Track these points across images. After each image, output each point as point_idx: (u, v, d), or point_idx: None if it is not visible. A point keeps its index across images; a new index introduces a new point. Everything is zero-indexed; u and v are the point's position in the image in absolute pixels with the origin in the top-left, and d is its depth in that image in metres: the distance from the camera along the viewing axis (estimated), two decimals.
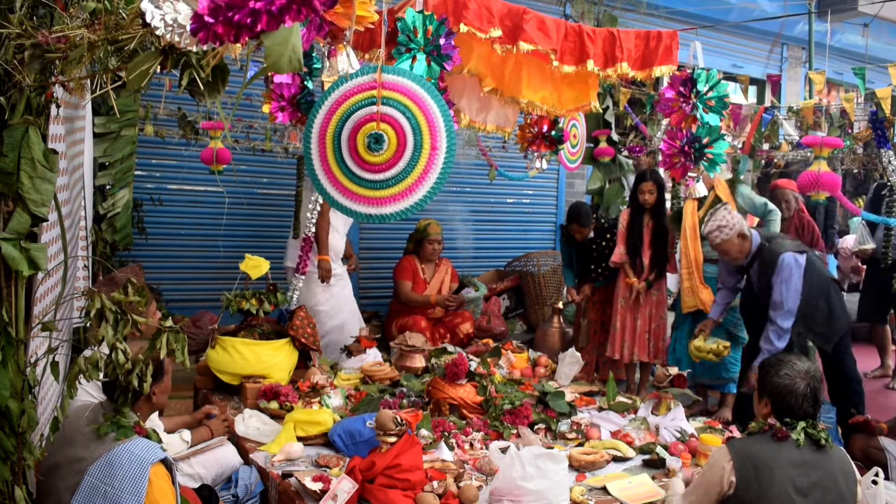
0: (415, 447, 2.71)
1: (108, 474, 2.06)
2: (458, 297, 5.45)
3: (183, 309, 5.35)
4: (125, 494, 2.03)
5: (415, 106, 2.58)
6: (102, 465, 2.08)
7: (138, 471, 2.07)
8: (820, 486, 2.22)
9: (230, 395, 3.84)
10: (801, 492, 2.20)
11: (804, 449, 2.25)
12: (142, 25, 1.49)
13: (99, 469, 2.07)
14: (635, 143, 5.90)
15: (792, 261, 3.84)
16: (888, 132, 4.53)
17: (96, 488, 2.05)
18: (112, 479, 2.05)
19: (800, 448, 2.25)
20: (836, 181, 3.93)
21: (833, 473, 2.26)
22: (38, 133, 1.80)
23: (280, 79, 3.36)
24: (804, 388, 2.31)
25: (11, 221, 1.79)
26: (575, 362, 4.23)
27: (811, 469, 2.24)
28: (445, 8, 3.07)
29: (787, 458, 2.24)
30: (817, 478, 2.23)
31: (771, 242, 3.96)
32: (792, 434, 2.27)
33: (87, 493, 2.05)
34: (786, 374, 2.34)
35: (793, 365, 2.36)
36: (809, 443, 2.27)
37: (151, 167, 5.47)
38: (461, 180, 6.76)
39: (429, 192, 2.56)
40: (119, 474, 2.05)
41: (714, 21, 7.51)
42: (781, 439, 2.27)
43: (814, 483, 2.22)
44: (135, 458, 2.09)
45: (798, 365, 2.37)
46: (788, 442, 2.26)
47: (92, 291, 1.90)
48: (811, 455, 2.26)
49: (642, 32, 3.68)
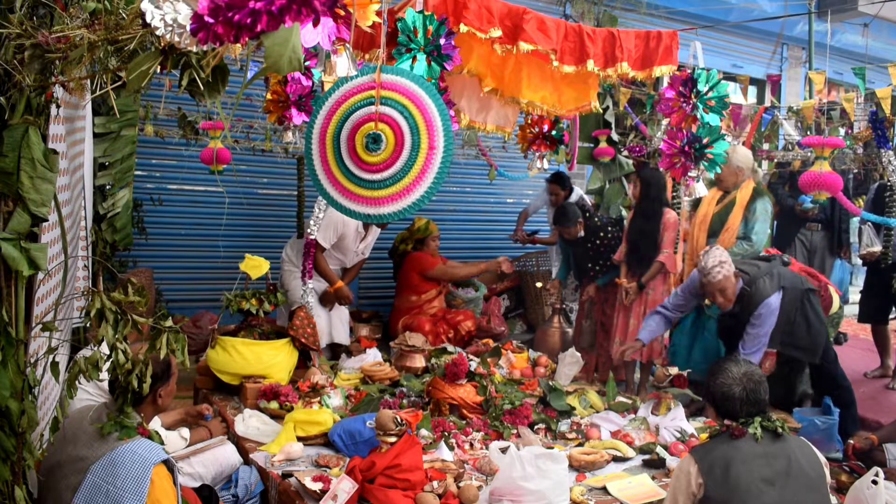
0: (415, 447, 2.71)
1: (110, 473, 2.07)
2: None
3: (183, 309, 5.35)
4: (127, 494, 2.04)
5: (413, 105, 2.57)
6: (105, 465, 2.08)
7: (140, 471, 2.08)
8: (786, 474, 2.26)
9: (230, 395, 3.84)
10: (768, 482, 2.24)
11: (763, 441, 2.30)
12: (142, 25, 1.49)
13: (102, 468, 2.08)
14: (635, 143, 5.90)
15: (774, 303, 3.75)
16: (888, 132, 4.53)
17: (98, 487, 2.06)
18: (115, 478, 2.06)
19: (759, 441, 2.30)
20: (838, 181, 3.92)
21: (796, 459, 2.30)
22: (38, 133, 1.80)
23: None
24: (740, 392, 2.36)
25: (11, 221, 1.79)
26: (575, 362, 4.23)
27: (773, 459, 2.28)
28: (445, 8, 3.07)
29: (749, 452, 2.29)
30: (781, 466, 2.27)
31: (753, 286, 3.77)
32: (749, 429, 2.33)
33: (89, 491, 2.06)
34: (721, 381, 2.41)
35: (728, 371, 2.42)
36: (767, 434, 2.32)
37: (151, 167, 5.47)
38: (461, 180, 6.76)
39: (426, 191, 2.55)
40: (121, 474, 2.06)
41: (714, 21, 7.51)
42: (739, 436, 2.32)
43: (779, 472, 2.26)
44: (137, 457, 2.10)
45: (734, 370, 2.41)
46: (746, 437, 2.31)
47: (92, 291, 1.91)
48: (771, 446, 2.31)
49: (642, 32, 3.67)
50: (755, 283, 3.78)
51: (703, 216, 4.52)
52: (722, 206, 4.52)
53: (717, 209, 4.53)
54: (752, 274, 3.81)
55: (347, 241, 4.79)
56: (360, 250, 4.98)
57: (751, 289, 3.77)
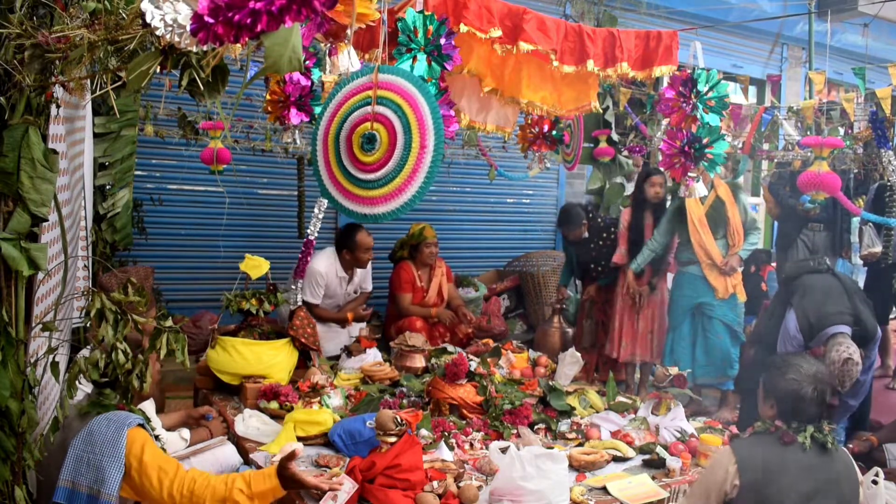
0: (415, 447, 2.71)
1: (88, 442, 2.10)
2: (454, 315, 5.34)
3: (183, 309, 5.35)
4: (105, 458, 2.07)
5: (406, 104, 2.57)
6: (83, 436, 2.12)
7: (115, 434, 2.11)
8: (823, 491, 2.18)
9: (230, 395, 3.84)
10: (805, 497, 2.16)
11: (810, 452, 2.20)
12: (142, 25, 1.49)
13: (80, 440, 2.11)
14: (635, 143, 5.90)
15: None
16: (888, 132, 4.53)
17: (80, 458, 2.09)
18: (92, 445, 2.10)
19: (805, 452, 2.19)
20: (836, 181, 3.92)
21: (837, 477, 2.22)
22: (38, 133, 1.80)
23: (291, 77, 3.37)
24: (811, 392, 2.24)
25: (11, 221, 1.79)
26: (575, 362, 4.23)
27: (816, 473, 2.19)
28: (445, 8, 3.08)
29: (793, 461, 2.19)
30: (821, 483, 2.18)
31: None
32: (798, 437, 2.22)
33: (73, 464, 2.09)
34: (793, 378, 2.27)
35: (799, 368, 2.29)
36: (815, 446, 2.22)
37: (151, 167, 5.47)
38: (461, 180, 6.76)
39: (417, 191, 2.54)
40: (98, 440, 2.09)
41: (714, 21, 7.50)
42: (788, 443, 2.22)
43: (817, 488, 2.17)
44: (111, 423, 2.14)
45: (805, 367, 2.29)
46: (794, 445, 2.21)
47: (92, 291, 1.91)
48: (817, 459, 2.20)
49: (642, 32, 3.67)
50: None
51: (699, 218, 4.56)
52: (707, 207, 4.57)
53: (705, 211, 4.58)
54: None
55: (334, 288, 4.81)
56: (350, 291, 4.95)
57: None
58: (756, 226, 4.60)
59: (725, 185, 4.58)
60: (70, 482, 2.07)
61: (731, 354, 4.50)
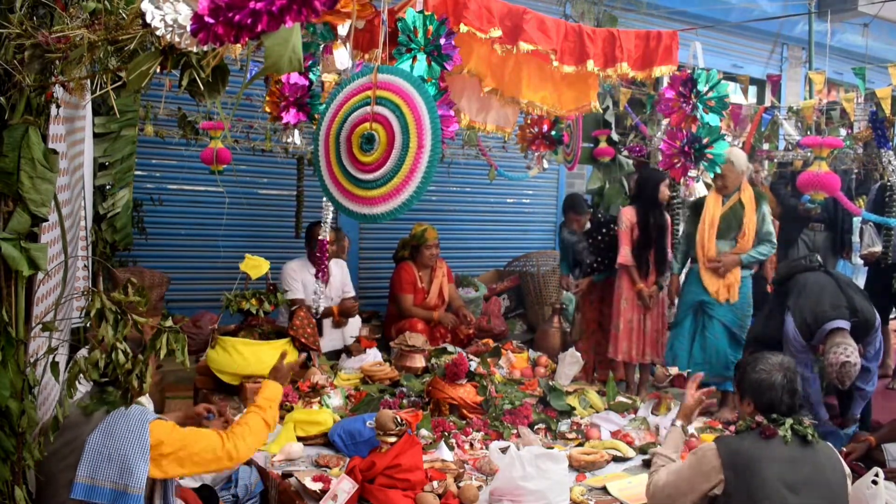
0: (415, 447, 2.71)
1: (108, 436, 2.12)
2: (456, 318, 5.33)
3: (183, 309, 5.34)
4: (130, 447, 2.10)
5: (405, 105, 2.57)
6: (101, 431, 2.13)
7: (138, 426, 2.14)
8: (810, 482, 2.23)
9: (230, 395, 3.83)
10: (791, 489, 2.20)
11: (791, 445, 2.26)
12: (142, 26, 1.49)
13: (99, 434, 2.12)
14: (635, 143, 5.90)
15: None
16: (888, 132, 4.53)
17: (100, 453, 2.10)
18: (113, 439, 2.11)
19: (787, 444, 2.26)
20: (835, 181, 3.92)
21: (822, 468, 2.27)
22: (38, 133, 1.80)
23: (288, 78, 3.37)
24: (781, 379, 2.34)
25: (11, 221, 1.79)
26: (575, 362, 4.23)
27: (800, 465, 2.24)
28: (445, 8, 3.07)
29: (776, 455, 2.25)
30: (806, 474, 2.23)
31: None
32: (779, 431, 2.28)
33: (91, 459, 2.10)
34: (761, 368, 2.38)
35: (767, 359, 2.40)
36: (796, 439, 2.28)
37: (151, 167, 5.47)
38: (461, 180, 6.76)
39: (415, 191, 2.54)
40: (119, 433, 2.12)
41: (714, 21, 7.50)
42: (769, 437, 2.28)
43: (803, 479, 2.22)
44: (132, 417, 2.16)
45: (772, 358, 2.40)
46: (776, 439, 2.27)
47: (92, 291, 1.91)
48: (799, 451, 2.26)
49: (642, 32, 3.67)
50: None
51: (710, 220, 4.48)
52: (727, 208, 4.49)
53: (722, 211, 4.51)
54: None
55: (312, 287, 4.69)
56: (334, 296, 4.91)
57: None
58: (770, 238, 4.46)
59: (751, 191, 4.48)
60: (89, 478, 2.08)
61: (727, 356, 4.48)
